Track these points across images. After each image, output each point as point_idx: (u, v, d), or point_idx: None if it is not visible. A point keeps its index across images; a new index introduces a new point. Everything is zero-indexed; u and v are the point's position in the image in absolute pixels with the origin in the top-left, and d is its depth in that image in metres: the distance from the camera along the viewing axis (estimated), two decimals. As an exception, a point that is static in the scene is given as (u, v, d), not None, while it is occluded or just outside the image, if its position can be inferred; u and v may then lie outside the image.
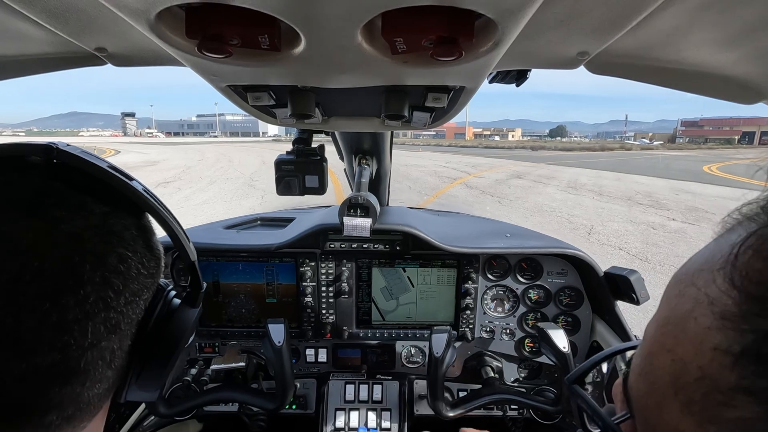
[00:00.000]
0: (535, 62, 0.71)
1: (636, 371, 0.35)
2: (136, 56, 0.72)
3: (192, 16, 0.47)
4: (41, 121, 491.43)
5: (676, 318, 0.30)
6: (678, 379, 0.28)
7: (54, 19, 0.56)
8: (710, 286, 0.27)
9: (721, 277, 0.27)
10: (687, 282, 0.30)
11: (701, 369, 0.26)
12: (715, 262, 0.28)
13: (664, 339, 0.30)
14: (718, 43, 0.58)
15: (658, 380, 0.30)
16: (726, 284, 0.26)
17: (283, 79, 0.67)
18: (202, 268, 1.61)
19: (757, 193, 0.29)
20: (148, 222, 0.49)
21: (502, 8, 0.42)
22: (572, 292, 1.63)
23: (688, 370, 0.27)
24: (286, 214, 2.00)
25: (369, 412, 1.56)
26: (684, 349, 0.28)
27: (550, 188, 14.02)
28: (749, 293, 0.24)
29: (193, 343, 1.69)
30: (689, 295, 0.29)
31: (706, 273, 0.28)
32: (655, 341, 0.32)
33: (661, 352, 0.30)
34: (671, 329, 0.30)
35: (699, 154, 44.74)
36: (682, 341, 0.28)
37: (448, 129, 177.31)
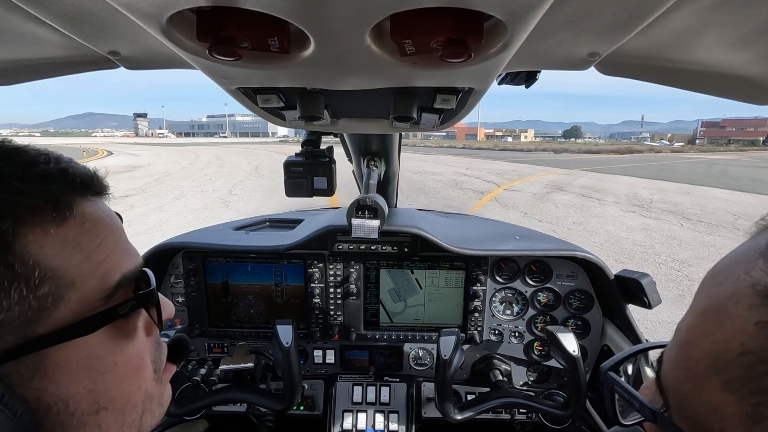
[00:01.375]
0: (544, 63, 0.71)
1: (671, 362, 0.37)
2: (148, 59, 0.73)
3: (203, 20, 0.47)
4: (57, 122, 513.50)
5: (716, 305, 0.32)
6: (718, 360, 0.31)
7: (69, 24, 0.57)
8: (752, 270, 0.30)
9: (763, 261, 0.30)
10: (725, 273, 0.33)
11: (743, 345, 0.29)
12: (753, 253, 0.31)
13: (703, 326, 0.33)
14: (731, 43, 0.57)
15: (697, 365, 0.33)
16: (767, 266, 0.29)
17: (292, 82, 0.68)
18: (212, 269, 1.63)
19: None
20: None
21: (511, 9, 0.41)
22: (582, 295, 1.61)
23: (729, 349, 0.30)
24: (294, 215, 2.01)
25: (376, 414, 1.56)
26: (724, 330, 0.31)
27: (609, 207, 11.19)
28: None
29: (203, 343, 1.71)
30: (728, 283, 0.32)
31: (744, 263, 0.32)
32: (693, 330, 0.34)
33: (700, 339, 0.33)
34: (711, 316, 0.32)
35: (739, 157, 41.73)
36: (722, 324, 0.31)
37: (459, 129, 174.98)
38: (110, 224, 0.48)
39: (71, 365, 0.42)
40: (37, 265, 0.39)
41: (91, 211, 0.46)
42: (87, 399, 0.43)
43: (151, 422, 0.53)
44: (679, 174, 21.52)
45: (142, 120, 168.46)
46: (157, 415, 0.55)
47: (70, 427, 0.42)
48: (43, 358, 0.39)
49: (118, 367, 0.47)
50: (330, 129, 1.09)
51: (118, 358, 0.47)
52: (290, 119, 0.87)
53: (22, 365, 0.38)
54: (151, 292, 0.51)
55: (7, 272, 0.37)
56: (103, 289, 0.44)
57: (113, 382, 0.46)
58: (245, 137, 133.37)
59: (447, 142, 79.19)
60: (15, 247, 0.38)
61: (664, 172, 22.18)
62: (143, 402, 0.51)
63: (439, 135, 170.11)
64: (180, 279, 1.65)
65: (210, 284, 1.64)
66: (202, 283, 1.63)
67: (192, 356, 1.70)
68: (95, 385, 0.44)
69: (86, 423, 0.43)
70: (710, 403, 0.31)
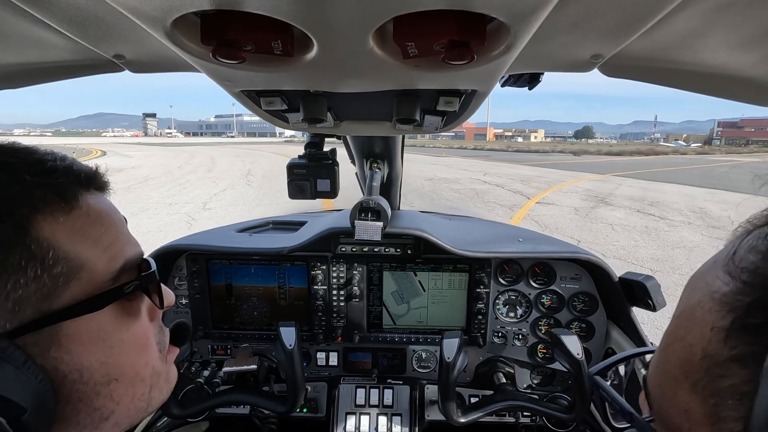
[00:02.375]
0: (547, 65, 0.71)
1: (653, 366, 0.39)
2: (152, 63, 0.74)
3: (207, 23, 0.47)
4: (69, 122, 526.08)
5: (688, 310, 0.34)
6: (687, 363, 0.32)
7: (74, 28, 0.58)
8: (714, 280, 0.32)
9: (722, 270, 0.32)
10: (697, 280, 0.35)
11: (704, 350, 0.31)
12: (719, 261, 0.33)
13: (678, 330, 0.35)
14: (736, 44, 0.56)
15: (672, 368, 0.34)
16: (725, 275, 0.31)
17: (295, 84, 0.68)
18: (216, 271, 1.63)
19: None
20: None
21: (514, 11, 0.41)
22: (586, 298, 1.60)
23: (694, 353, 0.32)
24: (298, 217, 2.02)
25: (380, 417, 1.55)
26: (692, 335, 0.32)
27: (683, 229, 8.81)
28: (742, 280, 0.30)
29: (206, 345, 1.71)
30: (699, 288, 0.34)
31: (712, 270, 0.34)
32: (670, 335, 0.36)
33: (675, 342, 0.35)
34: (683, 321, 0.34)
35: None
36: (691, 329, 0.33)
37: (467, 129, 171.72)
38: (113, 216, 0.53)
39: (83, 338, 0.46)
40: (51, 247, 0.43)
41: (95, 203, 0.51)
42: (99, 370, 0.48)
43: (160, 398, 0.58)
44: (730, 181, 17.94)
45: (152, 120, 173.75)
46: (165, 392, 0.59)
47: (84, 395, 0.47)
48: (58, 331, 0.44)
49: (125, 343, 0.51)
50: (333, 131, 1.09)
51: (125, 335, 0.51)
52: (293, 122, 0.88)
53: (40, 337, 0.43)
54: (152, 274, 0.55)
55: (25, 252, 0.42)
56: (109, 272, 0.49)
57: (122, 356, 0.50)
58: (252, 137, 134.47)
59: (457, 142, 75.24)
60: (30, 230, 0.42)
61: (710, 179, 18.79)
62: (151, 377, 0.55)
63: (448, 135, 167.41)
64: (184, 281, 1.65)
65: (213, 286, 1.65)
66: (206, 285, 1.64)
67: (195, 358, 1.70)
68: (106, 358, 0.48)
69: (99, 392, 0.48)
70: (681, 404, 0.33)
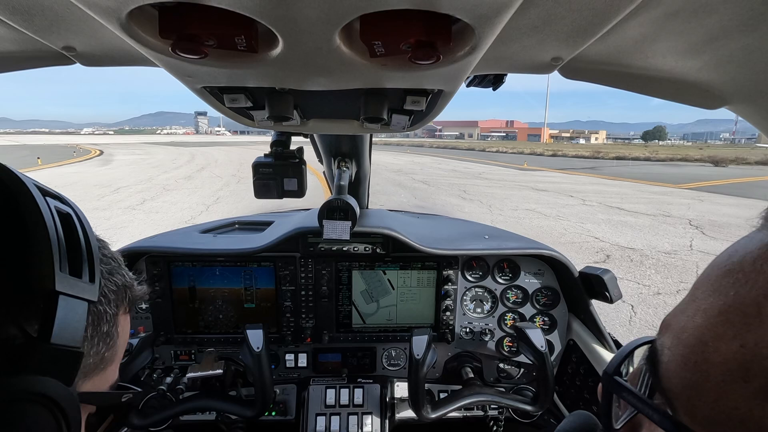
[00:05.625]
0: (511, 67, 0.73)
1: (678, 364, 0.34)
2: (106, 56, 0.70)
3: (165, 16, 0.45)
4: (132, 121, 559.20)
5: (743, 305, 0.30)
6: (750, 367, 0.28)
7: (18, 17, 0.54)
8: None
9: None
10: (747, 270, 0.31)
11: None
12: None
13: (723, 328, 0.31)
14: (682, 50, 0.60)
15: (715, 368, 0.30)
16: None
17: (260, 81, 0.66)
18: (178, 274, 1.57)
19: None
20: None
21: (478, 13, 0.42)
22: (549, 292, 1.66)
23: (764, 355, 0.27)
24: (264, 217, 1.98)
25: (350, 416, 1.55)
26: (758, 334, 0.28)
27: None
28: None
29: (168, 351, 1.65)
30: (758, 281, 0.30)
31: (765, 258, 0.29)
32: (709, 331, 0.32)
33: (721, 341, 0.30)
34: (737, 317, 0.30)
35: None
36: (753, 327, 0.29)
37: (520, 130, 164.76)
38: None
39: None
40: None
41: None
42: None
43: None
44: None
45: (203, 118, 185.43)
46: None
47: None
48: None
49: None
50: (300, 129, 1.07)
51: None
52: (259, 120, 0.86)
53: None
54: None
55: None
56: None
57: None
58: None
59: (530, 145, 60.32)
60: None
61: None
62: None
63: (499, 135, 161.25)
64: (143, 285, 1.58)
65: (176, 289, 1.59)
66: (168, 289, 1.57)
67: (157, 365, 1.64)
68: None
69: None
70: (736, 412, 0.29)
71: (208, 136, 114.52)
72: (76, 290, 0.45)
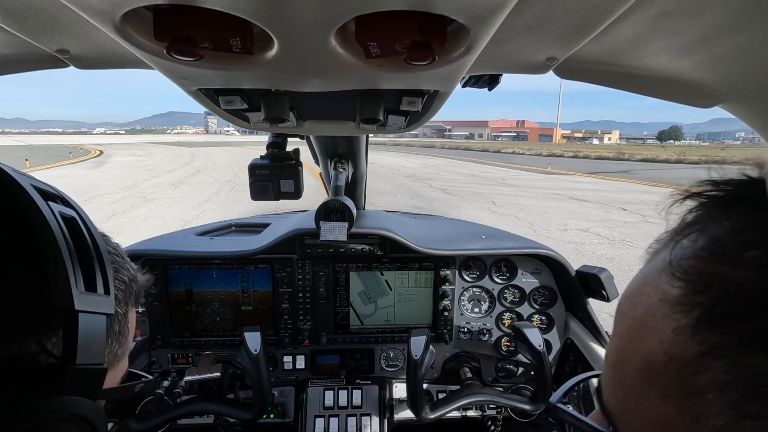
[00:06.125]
0: (506, 67, 0.73)
1: (609, 387, 0.39)
2: (101, 58, 0.70)
3: (160, 18, 0.45)
4: (144, 120, 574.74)
5: (637, 323, 0.35)
6: (650, 372, 0.33)
7: (11, 20, 0.53)
8: (660, 287, 0.34)
9: (667, 277, 0.33)
10: (636, 294, 0.37)
11: (667, 353, 0.31)
12: (656, 271, 0.35)
13: (630, 345, 0.36)
14: (676, 50, 0.61)
15: (633, 382, 0.35)
16: (672, 280, 0.33)
17: (256, 83, 0.66)
18: (175, 277, 1.57)
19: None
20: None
21: (473, 14, 0.42)
22: (546, 291, 1.66)
23: (657, 360, 0.32)
24: (260, 219, 1.97)
25: (349, 418, 1.55)
26: (648, 344, 0.33)
27: None
28: (689, 280, 0.31)
29: (165, 355, 1.64)
30: (641, 302, 0.35)
31: (651, 281, 0.35)
32: (622, 351, 0.37)
33: (629, 357, 0.35)
34: (635, 334, 0.35)
35: None
36: (645, 339, 0.34)
37: (531, 130, 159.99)
38: None
39: None
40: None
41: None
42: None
43: None
44: None
45: (212, 118, 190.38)
46: None
47: None
48: None
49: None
50: (296, 131, 1.07)
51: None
52: (255, 121, 0.86)
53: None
54: None
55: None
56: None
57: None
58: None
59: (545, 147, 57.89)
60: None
61: None
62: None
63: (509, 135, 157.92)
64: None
65: (173, 292, 1.58)
66: (164, 292, 1.57)
67: (154, 368, 1.63)
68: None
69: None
70: (652, 416, 0.33)
71: (217, 136, 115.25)
72: (94, 306, 0.45)
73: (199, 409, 1.40)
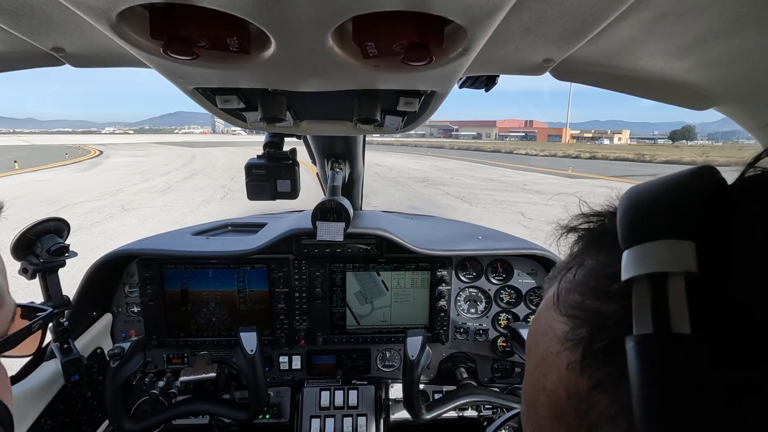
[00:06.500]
0: (503, 68, 0.73)
1: (526, 424, 0.39)
2: (96, 57, 0.69)
3: (156, 17, 0.45)
4: (152, 120, 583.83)
5: (539, 360, 0.36)
6: (556, 409, 0.33)
7: (6, 17, 0.53)
8: (552, 324, 0.35)
9: (555, 314, 0.34)
10: (537, 332, 0.37)
11: (567, 389, 0.32)
12: (547, 309, 0.36)
13: (537, 382, 0.36)
14: (671, 52, 0.61)
15: (544, 420, 0.35)
16: (559, 316, 0.34)
17: (253, 82, 0.66)
18: (171, 277, 1.56)
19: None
20: None
21: (470, 15, 0.42)
22: (542, 292, 1.67)
23: (559, 397, 0.33)
24: (257, 219, 1.97)
25: (345, 418, 1.55)
26: (551, 380, 0.34)
27: None
28: (574, 316, 0.32)
29: (161, 355, 1.63)
30: (541, 339, 0.36)
31: (544, 318, 0.36)
32: (532, 389, 0.37)
33: (538, 394, 0.36)
34: (540, 371, 0.36)
35: None
36: (548, 375, 0.34)
37: (540, 130, 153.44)
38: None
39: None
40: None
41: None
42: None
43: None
44: None
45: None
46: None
47: None
48: None
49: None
50: (293, 131, 1.07)
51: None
52: (251, 121, 0.85)
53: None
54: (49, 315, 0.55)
55: None
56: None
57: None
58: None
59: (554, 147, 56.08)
60: None
61: None
62: None
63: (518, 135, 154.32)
64: (135, 288, 1.57)
65: (168, 292, 1.57)
66: (160, 292, 1.56)
67: (149, 369, 1.62)
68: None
69: None
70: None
71: (224, 136, 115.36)
72: None
73: (195, 409, 1.39)
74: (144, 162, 23.96)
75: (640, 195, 0.29)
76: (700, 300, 0.24)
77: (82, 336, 1.41)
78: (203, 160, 24.55)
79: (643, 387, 0.24)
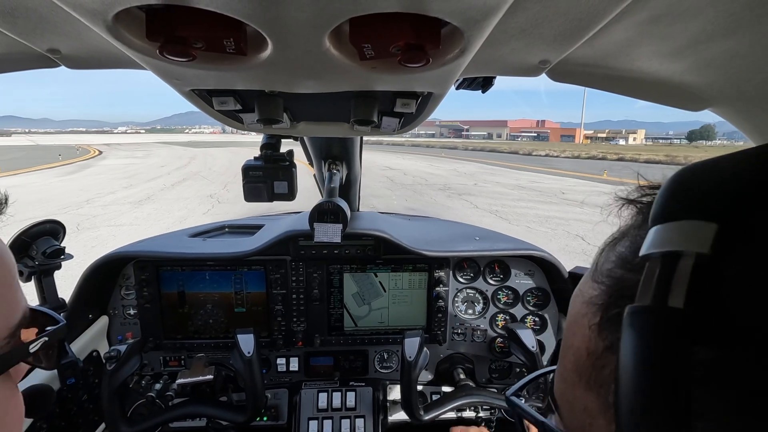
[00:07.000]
0: (499, 69, 0.73)
1: (557, 379, 0.43)
2: (92, 58, 0.69)
3: (152, 18, 0.45)
4: (164, 120, 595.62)
5: (572, 320, 0.39)
6: (579, 365, 0.36)
7: (0, 19, 0.53)
8: (587, 290, 0.37)
9: (591, 280, 0.37)
10: (575, 296, 0.41)
11: (587, 348, 0.35)
12: (587, 277, 0.39)
13: (567, 340, 0.39)
14: (666, 54, 0.61)
15: (569, 373, 0.38)
16: (593, 284, 0.37)
17: (249, 84, 0.66)
18: (167, 278, 1.55)
19: None
20: None
21: (467, 17, 0.43)
22: (539, 293, 1.67)
23: (581, 354, 0.36)
24: (254, 221, 1.96)
25: (342, 420, 1.54)
26: (578, 339, 0.37)
27: None
28: (602, 282, 0.35)
29: (157, 357, 1.62)
30: (576, 302, 0.39)
31: (585, 283, 0.39)
32: (563, 347, 0.41)
33: (567, 351, 0.39)
34: (571, 330, 0.39)
35: None
36: (576, 334, 0.37)
37: (552, 130, 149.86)
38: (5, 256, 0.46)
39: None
40: None
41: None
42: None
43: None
44: None
45: None
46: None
47: None
48: None
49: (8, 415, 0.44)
50: (290, 132, 1.07)
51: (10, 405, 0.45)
52: (248, 122, 0.85)
53: None
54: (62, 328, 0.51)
55: None
56: (7, 327, 0.43)
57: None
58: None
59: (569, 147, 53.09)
60: None
61: None
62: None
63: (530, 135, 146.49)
64: (131, 290, 1.56)
65: (165, 294, 1.57)
66: (156, 294, 1.55)
67: (146, 371, 1.61)
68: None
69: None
70: (581, 404, 0.36)
71: (232, 136, 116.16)
72: None
73: (192, 412, 1.38)
74: (138, 164, 23.02)
75: (683, 174, 0.29)
76: (702, 279, 0.25)
77: (78, 339, 1.40)
78: (202, 162, 23.89)
79: (625, 354, 0.26)
